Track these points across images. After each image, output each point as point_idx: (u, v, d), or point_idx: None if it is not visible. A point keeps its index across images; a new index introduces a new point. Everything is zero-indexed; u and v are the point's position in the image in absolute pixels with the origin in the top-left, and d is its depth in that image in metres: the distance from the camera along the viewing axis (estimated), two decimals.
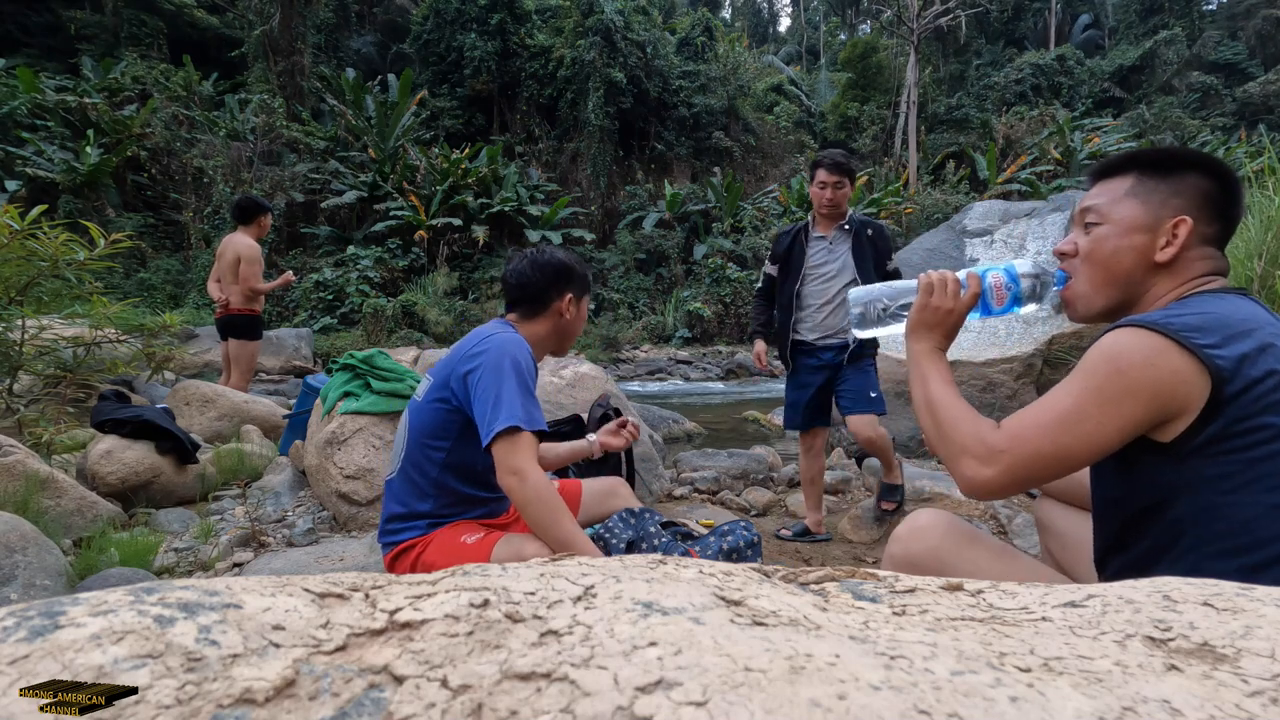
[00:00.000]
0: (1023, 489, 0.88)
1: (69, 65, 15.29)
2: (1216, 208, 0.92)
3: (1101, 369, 0.82)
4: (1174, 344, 0.79)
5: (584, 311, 1.66)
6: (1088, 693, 0.38)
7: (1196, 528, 0.80)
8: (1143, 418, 0.81)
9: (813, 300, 2.58)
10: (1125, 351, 0.81)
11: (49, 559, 1.81)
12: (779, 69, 26.44)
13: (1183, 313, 0.83)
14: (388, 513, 1.53)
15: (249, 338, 4.35)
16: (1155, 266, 0.93)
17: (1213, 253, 0.93)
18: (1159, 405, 0.80)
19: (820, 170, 2.54)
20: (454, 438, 1.46)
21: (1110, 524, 0.92)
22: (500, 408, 1.32)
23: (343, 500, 2.43)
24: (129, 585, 0.44)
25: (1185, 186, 0.92)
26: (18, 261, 2.90)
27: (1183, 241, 0.91)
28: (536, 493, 1.29)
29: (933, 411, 0.96)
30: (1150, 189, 0.93)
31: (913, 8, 18.11)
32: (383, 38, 22.05)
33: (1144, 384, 0.79)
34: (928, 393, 0.98)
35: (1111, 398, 0.81)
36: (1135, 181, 0.95)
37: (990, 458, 0.87)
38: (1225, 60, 27.22)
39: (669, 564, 0.58)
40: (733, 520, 1.83)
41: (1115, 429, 0.81)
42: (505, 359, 1.38)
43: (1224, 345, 0.79)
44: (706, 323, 14.46)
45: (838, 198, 2.52)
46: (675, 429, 5.05)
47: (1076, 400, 0.83)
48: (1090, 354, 0.85)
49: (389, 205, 14.55)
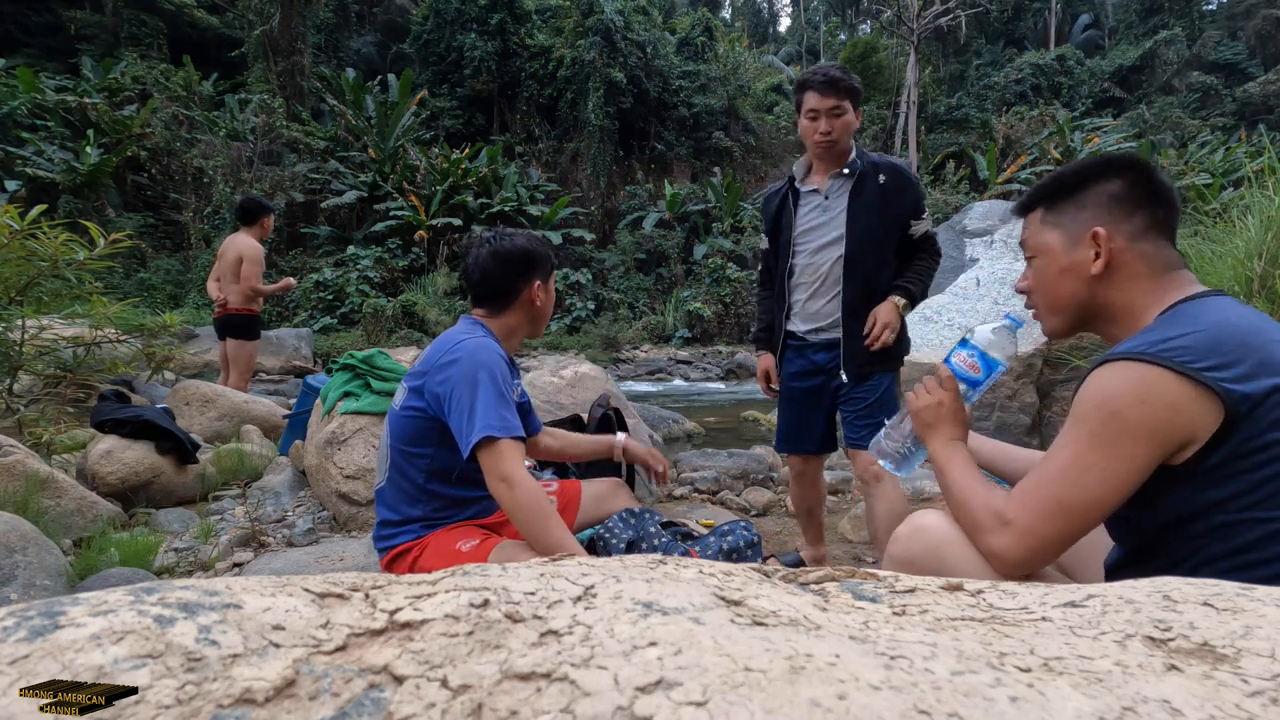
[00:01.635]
0: (1045, 555, 0.85)
1: (69, 65, 15.29)
2: (1129, 203, 0.92)
3: (1093, 415, 0.81)
4: (1168, 372, 0.77)
5: (553, 290, 1.64)
6: (1088, 693, 0.38)
7: (1211, 545, 0.80)
8: (1148, 457, 0.79)
9: (804, 278, 1.95)
10: (1114, 392, 0.80)
11: (49, 559, 1.81)
12: (779, 69, 26.41)
13: (1171, 334, 0.81)
14: (381, 517, 1.53)
15: (247, 337, 4.35)
16: (1095, 280, 0.93)
17: (1149, 246, 0.92)
18: (1161, 441, 0.78)
19: (809, 94, 1.82)
20: (434, 444, 1.46)
21: (1126, 540, 0.92)
22: (475, 419, 1.31)
23: (343, 500, 2.43)
24: (129, 585, 0.44)
25: (1088, 198, 0.95)
26: (18, 261, 2.90)
27: (1108, 249, 0.91)
28: (526, 499, 1.29)
29: (952, 497, 0.97)
30: (1059, 212, 0.97)
31: (913, 8, 18.09)
32: (383, 38, 22.05)
33: (1140, 423, 0.78)
34: (946, 482, 1.00)
35: (1109, 442, 0.79)
36: (1045, 211, 0.99)
37: (998, 527, 0.86)
38: (1225, 60, 27.21)
39: (669, 564, 0.58)
40: (733, 520, 1.83)
41: (1123, 473, 0.79)
42: (478, 369, 1.37)
43: (1226, 366, 0.77)
44: (706, 323, 14.46)
45: (836, 129, 1.81)
46: (675, 429, 5.05)
47: (1074, 451, 0.82)
48: (1080, 397, 0.84)
49: (389, 205, 14.55)
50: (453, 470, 1.48)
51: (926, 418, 1.07)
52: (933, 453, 1.06)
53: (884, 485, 1.86)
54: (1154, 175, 0.93)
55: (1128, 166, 0.94)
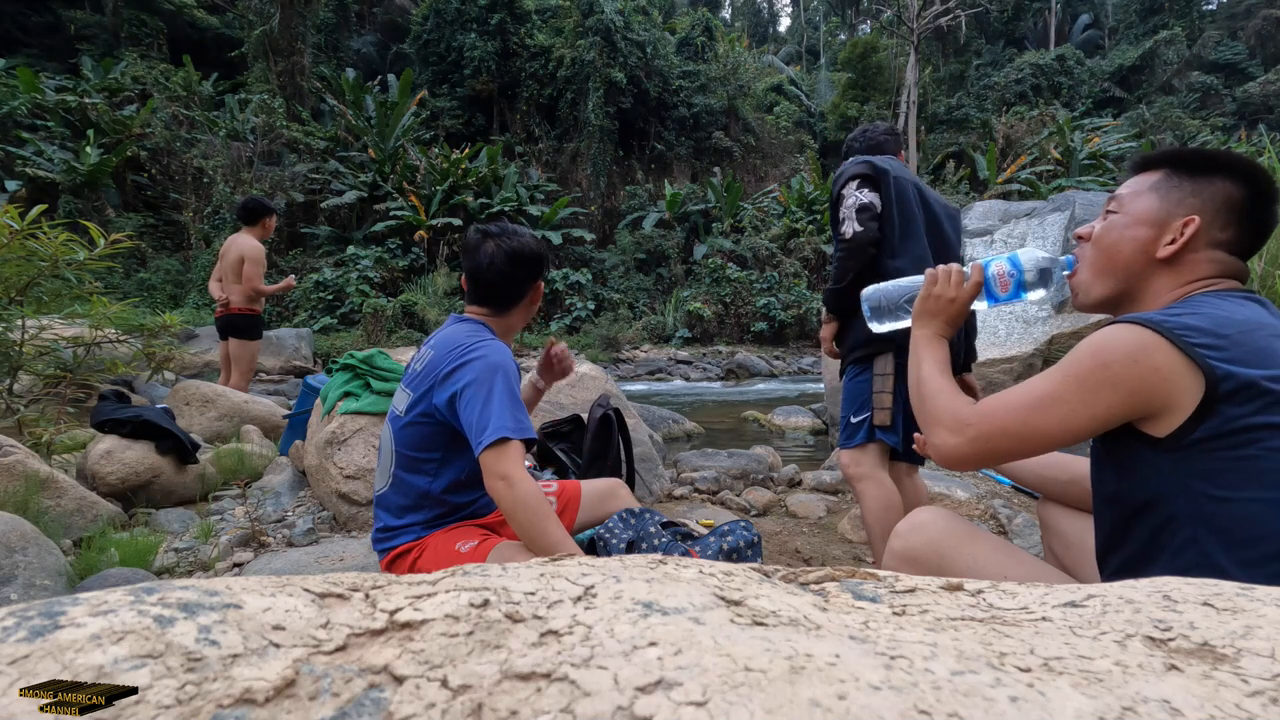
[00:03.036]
0: (987, 461, 0.92)
1: (69, 65, 15.30)
2: (1237, 214, 0.90)
3: (1086, 360, 0.84)
4: (1165, 340, 0.79)
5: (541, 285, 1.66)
6: (1088, 693, 0.38)
7: (1193, 524, 0.80)
8: (1118, 411, 0.83)
9: None
10: (1112, 345, 0.83)
11: (49, 559, 1.81)
12: (779, 69, 26.43)
13: (1182, 312, 0.84)
14: (381, 519, 1.53)
15: (249, 337, 4.35)
16: (1156, 262, 0.93)
17: (1224, 258, 0.92)
18: (1139, 401, 0.81)
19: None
20: (443, 449, 1.45)
21: (1108, 521, 0.93)
22: (489, 419, 1.31)
23: (343, 500, 2.43)
24: (129, 585, 0.44)
25: (1208, 188, 0.91)
26: (18, 261, 2.90)
27: (1186, 241, 0.90)
28: (524, 498, 1.29)
29: (919, 389, 1.03)
30: (1173, 186, 0.94)
31: (913, 8, 18.10)
32: (383, 38, 22.06)
33: (1125, 378, 0.81)
34: (919, 373, 1.04)
35: (1090, 387, 0.83)
36: (1163, 177, 0.95)
37: (958, 429, 0.92)
38: (1225, 60, 27.22)
39: (669, 564, 0.58)
40: (733, 520, 1.82)
41: (1087, 417, 0.83)
42: (495, 373, 1.36)
43: (1220, 346, 0.78)
44: (706, 323, 14.46)
45: None
46: (675, 429, 5.05)
47: (1055, 386, 0.86)
48: (1080, 346, 0.86)
49: (389, 205, 14.56)
50: (458, 476, 1.48)
51: (933, 306, 1.08)
52: (916, 339, 1.08)
53: (869, 482, 1.84)
54: (1273, 203, 0.91)
55: (1259, 182, 0.91)
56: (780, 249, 15.83)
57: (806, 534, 2.69)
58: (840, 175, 1.93)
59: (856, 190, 1.86)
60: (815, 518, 2.86)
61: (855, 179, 1.87)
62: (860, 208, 1.83)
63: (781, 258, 15.60)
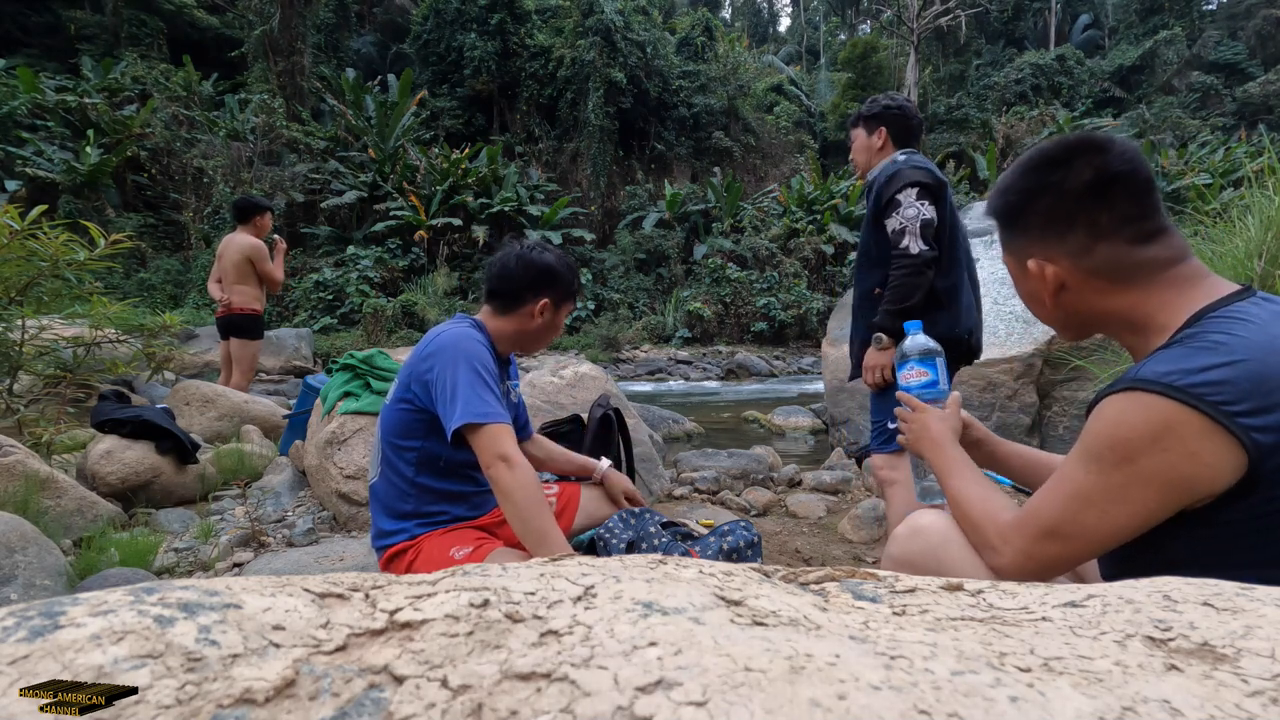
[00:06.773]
0: (1045, 576, 0.80)
1: (69, 65, 15.29)
2: (1061, 221, 0.82)
3: (1106, 453, 0.72)
4: (1198, 415, 0.66)
5: (560, 321, 1.60)
6: (1088, 693, 0.38)
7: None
8: (1158, 507, 0.70)
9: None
10: (1131, 430, 0.69)
11: (49, 559, 1.81)
12: (779, 69, 26.44)
13: (1210, 363, 0.68)
14: (376, 519, 1.54)
15: (251, 337, 4.35)
16: (1072, 296, 0.85)
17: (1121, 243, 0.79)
18: (1178, 493, 0.69)
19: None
20: (422, 436, 1.47)
21: (1125, 573, 0.90)
22: (456, 403, 1.33)
23: (343, 500, 2.43)
24: (129, 585, 0.44)
25: (1022, 221, 0.86)
26: (18, 261, 2.90)
27: (1054, 276, 0.83)
28: (522, 480, 1.29)
29: (955, 510, 0.95)
30: (1008, 238, 0.90)
31: (913, 8, 18.11)
32: (383, 38, 22.06)
33: (1155, 471, 0.68)
34: (949, 496, 0.97)
35: (1116, 484, 0.71)
36: (1001, 233, 0.91)
37: (1001, 546, 0.82)
38: (1225, 60, 27.23)
39: (669, 564, 0.58)
40: (733, 520, 1.82)
41: (1125, 518, 0.72)
42: (458, 355, 1.39)
43: (1266, 411, 0.65)
44: (706, 323, 14.46)
45: (853, 155, 2.07)
46: (675, 429, 5.05)
47: (1077, 485, 0.75)
48: (1093, 425, 0.74)
49: (389, 205, 14.56)
50: (439, 459, 1.49)
51: (919, 448, 1.06)
52: (934, 470, 1.06)
53: (899, 487, 1.88)
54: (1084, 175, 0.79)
55: (1052, 168, 0.81)
56: (780, 249, 15.83)
57: (806, 534, 2.69)
58: (895, 175, 1.79)
59: (917, 201, 1.74)
60: (815, 518, 2.86)
61: (915, 186, 1.75)
62: (925, 223, 1.73)
63: (781, 258, 15.61)
